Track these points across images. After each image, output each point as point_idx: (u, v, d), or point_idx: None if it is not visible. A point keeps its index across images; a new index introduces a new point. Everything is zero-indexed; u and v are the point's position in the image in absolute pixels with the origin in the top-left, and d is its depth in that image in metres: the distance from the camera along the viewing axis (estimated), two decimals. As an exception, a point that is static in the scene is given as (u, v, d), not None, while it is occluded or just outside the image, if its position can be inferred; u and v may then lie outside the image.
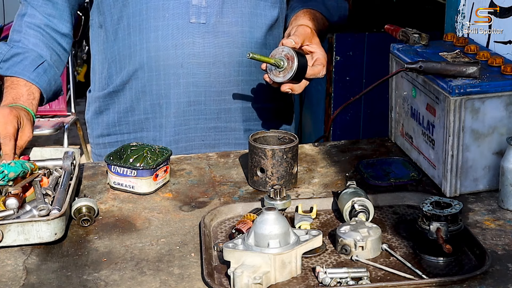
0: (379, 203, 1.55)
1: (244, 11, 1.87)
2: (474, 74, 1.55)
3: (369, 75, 3.90)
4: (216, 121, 1.92)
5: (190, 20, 1.84)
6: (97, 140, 2.04)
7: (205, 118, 1.91)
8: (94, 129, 2.05)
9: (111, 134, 2.00)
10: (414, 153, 1.77)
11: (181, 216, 1.54)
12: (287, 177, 1.64)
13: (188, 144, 1.93)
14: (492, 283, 1.26)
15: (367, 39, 3.89)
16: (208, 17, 1.84)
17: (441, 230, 1.32)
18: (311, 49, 1.76)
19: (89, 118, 2.07)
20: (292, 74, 1.68)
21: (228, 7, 1.86)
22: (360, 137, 3.93)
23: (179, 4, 1.83)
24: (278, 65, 1.68)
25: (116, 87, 1.94)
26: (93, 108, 2.04)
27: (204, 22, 1.84)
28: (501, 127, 1.58)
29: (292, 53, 1.68)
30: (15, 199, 1.45)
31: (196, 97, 1.89)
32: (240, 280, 1.23)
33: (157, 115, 1.91)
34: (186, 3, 1.83)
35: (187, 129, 1.92)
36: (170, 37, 1.84)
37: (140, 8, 1.84)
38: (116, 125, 1.98)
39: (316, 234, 1.34)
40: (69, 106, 5.07)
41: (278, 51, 1.70)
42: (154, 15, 1.83)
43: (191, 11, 1.83)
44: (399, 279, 1.28)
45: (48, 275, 1.32)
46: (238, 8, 1.86)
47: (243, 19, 1.86)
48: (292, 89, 1.72)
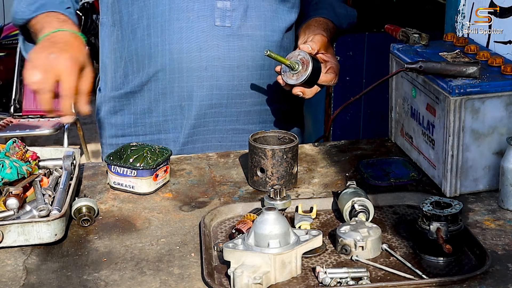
0: (379, 203, 1.55)
1: (267, 15, 1.87)
2: (474, 74, 1.55)
3: (369, 75, 3.90)
4: (235, 123, 1.92)
5: (215, 23, 1.83)
6: (110, 140, 2.00)
7: (225, 120, 1.91)
8: (107, 129, 2.01)
9: (126, 135, 1.97)
10: (414, 153, 1.77)
11: (181, 216, 1.54)
12: (287, 177, 1.64)
13: (204, 145, 1.92)
14: (492, 283, 1.26)
15: (367, 39, 3.89)
16: (233, 20, 1.83)
17: (441, 230, 1.32)
18: (325, 57, 1.78)
19: (101, 118, 2.02)
20: (306, 78, 1.70)
21: (252, 11, 1.85)
22: (360, 137, 3.93)
23: (204, 7, 1.82)
24: (293, 67, 1.70)
25: (133, 87, 1.91)
26: (106, 108, 2.00)
27: (229, 25, 1.83)
28: (501, 127, 1.58)
29: (308, 57, 1.70)
30: (15, 199, 1.45)
31: (219, 100, 1.88)
32: (240, 280, 1.23)
33: (177, 117, 1.90)
34: (211, 6, 1.82)
35: (205, 130, 1.91)
36: (194, 40, 1.82)
37: (162, 9, 1.82)
38: (132, 126, 1.95)
39: (316, 234, 1.34)
40: (69, 106, 5.06)
41: (294, 54, 1.72)
42: (178, 16, 1.81)
43: (216, 14, 1.82)
44: (399, 279, 1.28)
45: (48, 275, 1.32)
46: (261, 12, 1.86)
47: (265, 23, 1.86)
48: (303, 93, 1.74)
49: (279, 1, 1.88)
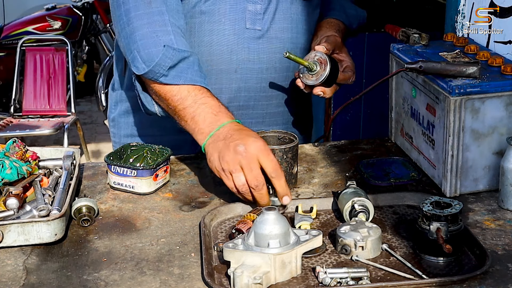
0: (379, 203, 1.55)
1: (294, 18, 1.87)
2: (474, 74, 1.55)
3: (369, 75, 3.89)
4: (261, 125, 1.91)
5: (246, 26, 1.82)
6: (124, 139, 1.97)
7: (251, 122, 1.89)
8: (121, 129, 1.99)
9: (142, 135, 1.95)
10: (414, 153, 1.77)
11: (181, 216, 1.54)
12: (287, 177, 1.64)
13: None
14: (492, 283, 1.26)
15: (367, 39, 3.88)
16: (263, 23, 1.83)
17: (441, 230, 1.32)
18: (340, 57, 1.80)
19: (116, 117, 1.99)
20: (325, 77, 1.72)
21: (280, 14, 1.85)
22: (360, 137, 3.93)
23: (236, 10, 1.81)
24: (311, 68, 1.72)
25: None
26: (122, 107, 1.97)
27: (260, 28, 1.83)
28: (501, 127, 1.58)
29: (325, 57, 1.72)
30: (15, 199, 1.45)
31: (246, 102, 1.88)
32: (240, 280, 1.23)
33: None
34: (243, 9, 1.81)
35: None
36: (225, 42, 1.81)
37: (193, 11, 1.79)
38: (149, 126, 1.93)
39: (316, 234, 1.34)
40: (69, 106, 5.07)
41: (311, 56, 1.74)
42: (209, 19, 1.80)
43: (247, 17, 1.81)
44: (399, 279, 1.28)
45: (48, 275, 1.32)
46: (289, 14, 1.86)
47: (292, 25, 1.86)
48: (324, 92, 1.76)
49: (304, 3, 1.88)
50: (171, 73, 1.64)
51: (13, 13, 6.62)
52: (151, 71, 1.64)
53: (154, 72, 1.64)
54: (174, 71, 1.64)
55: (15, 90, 5.10)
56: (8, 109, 5.14)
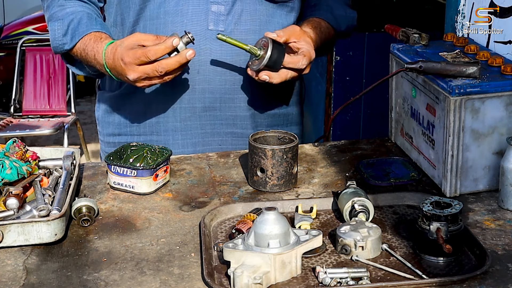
0: (379, 203, 1.55)
1: (262, 19, 1.86)
2: (474, 74, 1.55)
3: (369, 75, 3.90)
4: (233, 127, 1.92)
5: (208, 27, 1.82)
6: (107, 138, 2.03)
7: (221, 123, 1.91)
8: (104, 128, 2.03)
9: (122, 135, 1.98)
10: (414, 153, 1.77)
11: (181, 216, 1.54)
12: (287, 177, 1.64)
13: (205, 148, 1.92)
14: (492, 283, 1.26)
15: (367, 39, 3.88)
16: (227, 24, 1.83)
17: (441, 230, 1.32)
18: (298, 45, 1.76)
19: (99, 116, 2.04)
20: (266, 60, 1.68)
21: (247, 15, 1.85)
22: (360, 137, 3.93)
23: (198, 11, 1.82)
24: (254, 52, 1.70)
25: (129, 88, 1.91)
26: (104, 106, 2.01)
27: (223, 29, 1.83)
28: (501, 127, 1.58)
29: (268, 40, 1.69)
30: (15, 199, 1.45)
31: (211, 103, 1.89)
32: (240, 280, 1.23)
33: (169, 119, 1.90)
34: (206, 10, 1.82)
35: (204, 133, 1.91)
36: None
37: (157, 12, 1.83)
38: (128, 126, 1.97)
39: (316, 234, 1.34)
40: (69, 106, 5.07)
41: (258, 42, 1.72)
42: (172, 20, 1.82)
43: (209, 18, 1.82)
44: (399, 279, 1.28)
45: (48, 275, 1.32)
46: (256, 16, 1.86)
47: (260, 27, 1.85)
48: (270, 77, 1.71)
49: (276, 5, 1.88)
50: (66, 39, 1.81)
51: (13, 13, 6.63)
52: (55, 48, 1.84)
53: (57, 47, 1.84)
54: (69, 36, 1.81)
55: (15, 90, 5.10)
56: (8, 109, 5.15)
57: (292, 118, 2.06)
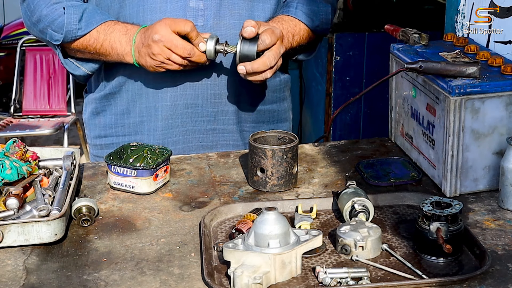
0: (379, 203, 1.55)
1: (242, 14, 1.86)
2: (474, 74, 1.55)
3: (369, 75, 3.90)
4: (214, 123, 1.92)
5: None
6: (94, 141, 2.04)
7: (202, 120, 1.92)
8: (91, 130, 2.05)
9: (107, 136, 1.99)
10: (414, 153, 1.77)
11: (181, 216, 1.54)
12: (287, 177, 1.64)
13: (186, 146, 1.93)
14: (492, 283, 1.26)
15: (367, 39, 3.89)
16: (206, 19, 1.84)
17: (441, 230, 1.32)
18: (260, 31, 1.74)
19: (86, 119, 2.06)
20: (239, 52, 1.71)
21: (226, 10, 1.85)
22: (360, 137, 3.93)
23: (177, 7, 1.83)
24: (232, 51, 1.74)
25: (112, 89, 1.94)
26: (90, 109, 2.03)
27: (202, 24, 1.84)
28: (501, 127, 1.58)
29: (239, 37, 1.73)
30: (15, 199, 1.45)
31: (193, 100, 1.89)
32: (240, 280, 1.23)
33: (152, 118, 1.91)
34: (184, 6, 1.83)
35: (185, 131, 1.92)
36: None
37: (136, 10, 1.84)
38: (113, 127, 1.98)
39: (316, 234, 1.34)
40: (69, 106, 5.07)
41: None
42: (151, 17, 1.82)
43: (188, 14, 1.83)
44: (399, 279, 1.28)
45: (48, 275, 1.32)
46: (236, 10, 1.86)
47: (240, 22, 1.84)
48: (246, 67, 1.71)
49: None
50: (82, 24, 1.82)
51: (13, 13, 6.62)
52: (68, 32, 1.82)
53: (70, 31, 1.82)
54: (84, 21, 1.82)
55: (15, 90, 5.10)
56: (8, 109, 5.15)
57: (279, 114, 2.04)
